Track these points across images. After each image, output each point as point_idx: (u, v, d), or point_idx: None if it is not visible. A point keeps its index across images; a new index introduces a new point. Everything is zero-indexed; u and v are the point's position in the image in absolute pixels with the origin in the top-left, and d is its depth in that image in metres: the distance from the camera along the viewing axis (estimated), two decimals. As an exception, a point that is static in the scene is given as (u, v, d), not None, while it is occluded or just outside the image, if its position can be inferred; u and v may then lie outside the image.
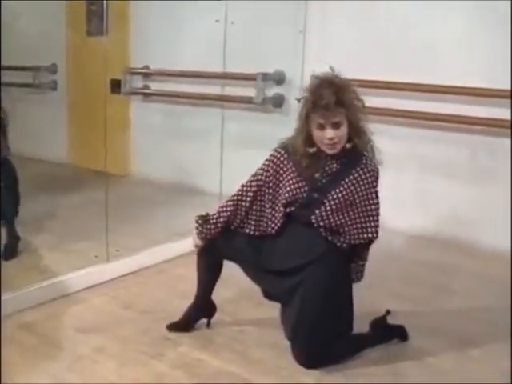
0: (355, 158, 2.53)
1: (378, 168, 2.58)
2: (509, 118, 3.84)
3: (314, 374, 2.54)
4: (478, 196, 4.14)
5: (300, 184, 2.53)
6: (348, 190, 2.50)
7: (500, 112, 3.89)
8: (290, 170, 2.56)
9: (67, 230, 3.92)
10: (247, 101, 4.86)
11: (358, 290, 3.42)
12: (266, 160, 2.64)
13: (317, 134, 2.46)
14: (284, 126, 4.66)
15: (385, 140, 4.40)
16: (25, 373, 2.51)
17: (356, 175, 2.52)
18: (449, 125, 4.12)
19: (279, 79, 4.87)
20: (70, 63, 5.91)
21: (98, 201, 3.68)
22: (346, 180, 2.50)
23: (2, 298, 2.90)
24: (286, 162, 2.58)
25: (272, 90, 4.89)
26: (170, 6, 5.15)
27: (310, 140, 2.50)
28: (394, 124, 4.38)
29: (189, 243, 3.83)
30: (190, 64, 4.98)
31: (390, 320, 2.85)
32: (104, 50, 3.77)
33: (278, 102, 4.88)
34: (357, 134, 2.52)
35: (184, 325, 2.86)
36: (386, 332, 2.82)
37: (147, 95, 5.61)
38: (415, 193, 4.40)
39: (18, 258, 3.63)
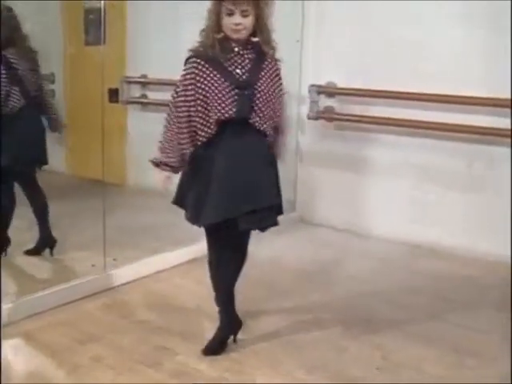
0: (261, 52, 2.68)
1: (280, 62, 2.78)
2: (504, 126, 3.86)
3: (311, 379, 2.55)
4: (475, 205, 4.14)
5: (228, 87, 2.58)
6: (267, 82, 2.66)
7: (496, 121, 3.91)
8: (213, 77, 2.58)
9: (64, 239, 3.91)
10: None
11: (355, 297, 3.45)
12: (186, 75, 2.61)
13: (226, 20, 2.57)
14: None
15: (382, 149, 4.49)
16: (22, 383, 2.51)
17: (267, 68, 2.68)
18: (446, 134, 4.13)
19: (277, 88, 4.87)
20: (68, 72, 5.92)
21: (95, 210, 3.68)
22: (262, 73, 2.65)
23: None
24: (205, 70, 2.59)
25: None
26: (168, 16, 5.17)
27: (218, 27, 2.61)
28: (391, 133, 4.40)
29: (186, 253, 3.87)
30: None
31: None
32: (102, 59, 3.78)
33: (276, 111, 4.88)
34: (262, 30, 2.65)
35: (218, 347, 2.83)
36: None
37: (145, 104, 5.62)
38: (412, 202, 4.40)
39: (16, 267, 3.63)
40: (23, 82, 3.61)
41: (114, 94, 5.23)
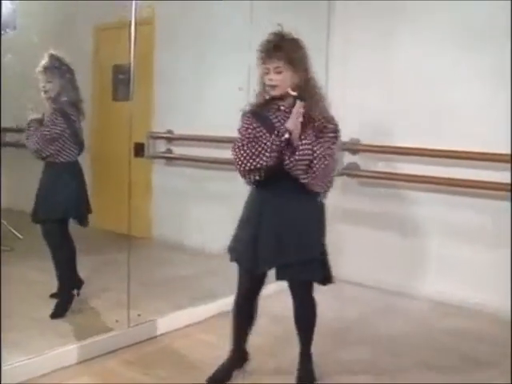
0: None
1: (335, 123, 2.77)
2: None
3: None
4: (502, 261, 4.07)
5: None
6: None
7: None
8: (261, 130, 2.71)
9: (88, 292, 3.89)
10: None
11: (383, 357, 3.36)
12: (247, 129, 2.73)
13: (264, 78, 2.70)
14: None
15: (406, 205, 4.46)
16: None
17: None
18: (469, 190, 4.11)
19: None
20: (95, 127, 6.02)
21: (120, 263, 3.67)
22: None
23: (19, 363, 2.90)
24: (255, 125, 2.72)
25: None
26: (194, 74, 5.28)
27: (264, 87, 2.74)
28: (415, 189, 4.39)
29: (211, 308, 3.84)
30: (212, 129, 5.03)
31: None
32: (129, 114, 3.83)
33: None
34: (304, 84, 2.69)
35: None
36: None
37: (170, 159, 5.68)
38: (438, 258, 4.35)
39: (37, 320, 3.60)
40: (79, 136, 3.74)
41: (139, 149, 5.29)
